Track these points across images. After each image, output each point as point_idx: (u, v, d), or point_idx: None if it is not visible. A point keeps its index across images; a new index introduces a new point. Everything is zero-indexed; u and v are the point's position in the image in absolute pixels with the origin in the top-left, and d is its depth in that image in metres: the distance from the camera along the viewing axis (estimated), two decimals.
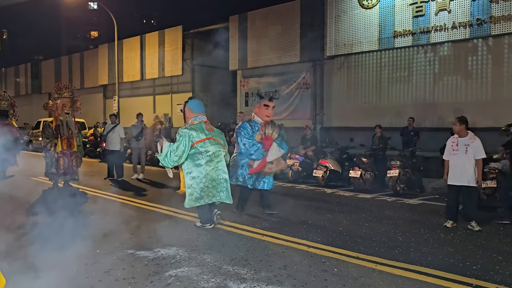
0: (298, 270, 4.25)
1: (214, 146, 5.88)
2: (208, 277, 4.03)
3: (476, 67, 13.12)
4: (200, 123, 5.98)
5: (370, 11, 14.98)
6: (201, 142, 5.78)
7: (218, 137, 6.07)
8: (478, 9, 12.64)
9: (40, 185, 9.89)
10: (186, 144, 5.70)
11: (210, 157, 5.82)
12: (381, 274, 4.19)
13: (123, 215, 6.85)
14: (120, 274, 4.10)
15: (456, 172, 6.20)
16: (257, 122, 6.94)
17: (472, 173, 6.07)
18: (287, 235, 5.57)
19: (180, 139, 5.73)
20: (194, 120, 6.03)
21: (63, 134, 9.33)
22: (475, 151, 6.08)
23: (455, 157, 6.23)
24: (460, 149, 6.18)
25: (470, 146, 6.10)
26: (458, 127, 6.22)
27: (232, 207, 6.83)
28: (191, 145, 5.72)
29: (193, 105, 6.23)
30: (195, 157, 5.78)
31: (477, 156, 6.09)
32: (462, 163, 6.13)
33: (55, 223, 6.31)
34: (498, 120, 12.19)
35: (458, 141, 6.23)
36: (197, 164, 5.78)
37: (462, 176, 6.12)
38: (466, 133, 6.22)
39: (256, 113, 7.02)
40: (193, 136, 5.75)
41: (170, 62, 22.93)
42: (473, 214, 6.14)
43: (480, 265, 4.49)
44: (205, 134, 5.87)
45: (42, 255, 4.67)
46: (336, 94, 16.52)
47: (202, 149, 5.78)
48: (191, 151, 5.76)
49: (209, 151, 5.81)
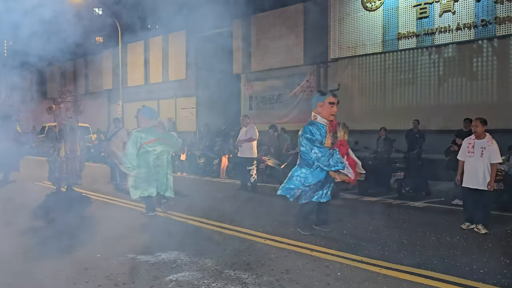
0: (300, 274, 4.18)
1: (161, 146, 6.84)
2: (209, 281, 3.96)
3: (481, 69, 13.00)
4: (151, 127, 6.94)
5: (373, 13, 14.92)
6: (150, 143, 6.74)
7: (167, 138, 7.06)
8: (482, 10, 12.54)
9: (43, 190, 9.88)
10: (133, 145, 6.67)
11: (157, 155, 6.79)
12: (385, 278, 4.10)
13: (124, 219, 6.81)
14: (120, 279, 4.05)
15: (470, 174, 6.08)
16: (322, 124, 5.84)
17: (486, 176, 5.93)
18: (290, 239, 5.49)
19: (129, 141, 6.81)
20: (146, 125, 6.96)
21: (66, 139, 9.34)
22: (491, 154, 5.94)
23: (470, 160, 6.09)
24: (476, 152, 6.03)
25: (487, 150, 5.95)
26: (481, 129, 6.03)
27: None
28: (140, 145, 6.67)
29: (145, 112, 7.17)
30: (144, 156, 6.73)
31: (493, 160, 5.93)
32: (476, 166, 6.00)
33: (56, 228, 6.29)
34: (504, 122, 12.08)
35: (475, 143, 6.08)
36: (146, 161, 6.72)
37: (475, 179, 6.00)
38: (484, 135, 6.07)
39: (318, 113, 5.89)
40: (142, 137, 6.72)
41: (174, 66, 22.97)
42: (482, 217, 6.01)
43: (487, 269, 4.39)
44: (154, 136, 6.83)
45: (42, 259, 4.64)
46: (340, 97, 16.33)
47: (150, 148, 6.74)
48: (141, 151, 6.70)
49: (156, 151, 6.78)
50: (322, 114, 5.87)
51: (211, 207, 7.75)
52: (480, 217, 6.01)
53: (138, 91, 25.85)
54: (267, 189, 10.29)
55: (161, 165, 6.84)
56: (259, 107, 19.41)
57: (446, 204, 8.31)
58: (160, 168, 6.83)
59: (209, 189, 10.40)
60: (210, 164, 13.09)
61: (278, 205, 7.98)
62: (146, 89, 25.29)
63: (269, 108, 18.97)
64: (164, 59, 23.50)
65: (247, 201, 8.54)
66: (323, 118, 5.86)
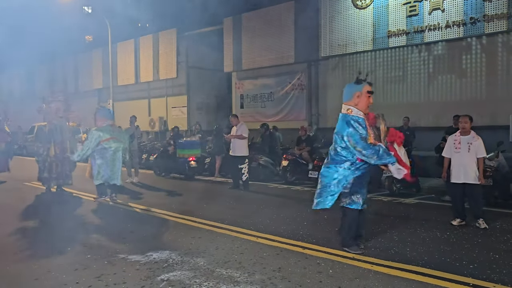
0: (292, 272, 4.18)
1: (116, 143, 8.01)
2: (201, 280, 3.95)
3: (470, 66, 13.12)
4: (107, 126, 8.10)
5: (364, 11, 14.98)
6: (107, 141, 7.89)
7: (120, 136, 8.26)
8: (471, 8, 12.65)
9: (33, 190, 9.78)
10: (92, 142, 7.81)
11: (113, 151, 7.98)
12: (377, 274, 4.12)
13: (116, 219, 6.77)
14: (111, 279, 4.02)
15: (459, 170, 6.17)
16: (359, 117, 4.90)
17: (475, 171, 6.07)
18: (282, 237, 5.50)
19: (89, 138, 7.90)
20: (102, 124, 8.12)
21: (56, 139, 9.25)
22: (477, 149, 6.07)
23: (457, 155, 6.20)
24: (463, 147, 6.15)
25: (473, 145, 6.09)
26: (469, 125, 6.19)
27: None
28: (99, 142, 7.81)
29: (102, 112, 8.46)
30: (102, 151, 7.91)
31: (479, 154, 6.08)
32: (465, 161, 6.10)
33: (46, 228, 6.23)
34: (493, 118, 12.21)
35: (461, 139, 6.21)
36: (103, 156, 7.91)
37: (465, 174, 6.10)
38: (469, 131, 6.21)
39: (355, 105, 4.93)
40: (100, 136, 7.86)
41: (165, 65, 22.86)
42: (479, 211, 6.12)
43: (477, 264, 4.44)
44: (110, 134, 7.98)
45: (31, 260, 4.59)
46: (331, 94, 16.49)
47: (107, 145, 7.90)
48: (99, 147, 7.87)
49: (112, 147, 7.96)
50: (359, 106, 4.93)
51: (203, 206, 7.73)
52: (477, 212, 6.11)
53: (128, 90, 25.70)
54: (259, 187, 10.29)
55: (116, 159, 8.02)
56: (251, 105, 19.40)
57: (437, 200, 8.38)
58: (115, 161, 7.99)
59: (201, 188, 10.38)
60: (202, 163, 13.05)
61: (269, 204, 8.00)
62: (136, 88, 25.15)
63: (260, 107, 18.97)
64: (154, 57, 23.38)
65: (239, 199, 8.54)
66: (360, 110, 4.92)
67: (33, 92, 33.29)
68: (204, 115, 23.18)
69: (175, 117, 22.79)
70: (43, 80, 31.82)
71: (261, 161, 11.72)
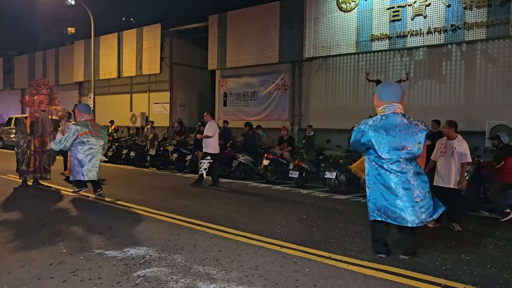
0: (269, 270, 4.21)
1: (95, 138, 8.06)
2: (178, 277, 3.94)
3: (450, 72, 13.41)
4: (85, 120, 8.17)
5: (348, 14, 15.14)
6: (84, 135, 7.95)
7: (99, 131, 8.24)
8: (452, 15, 12.92)
9: (9, 183, 9.58)
10: (70, 135, 7.89)
11: (91, 145, 8.00)
12: (352, 274, 4.19)
13: (93, 214, 6.68)
14: (86, 274, 3.97)
15: (441, 173, 6.30)
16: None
17: (457, 176, 6.19)
18: (260, 235, 5.52)
19: (68, 131, 7.92)
20: (81, 119, 8.19)
21: (37, 132, 9.09)
22: (461, 154, 6.19)
23: (442, 159, 6.34)
24: (447, 152, 6.28)
25: (457, 150, 6.20)
26: (447, 130, 6.34)
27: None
28: (76, 136, 7.87)
29: (81, 107, 8.53)
30: (80, 145, 7.96)
31: (462, 159, 6.19)
32: (448, 166, 6.23)
33: (19, 222, 6.11)
34: (471, 124, 12.49)
35: (446, 144, 6.34)
36: (81, 150, 7.95)
37: (447, 178, 6.23)
38: (455, 136, 6.32)
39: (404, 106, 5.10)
40: (78, 130, 7.92)
41: (148, 60, 22.65)
42: (457, 216, 6.25)
43: (449, 265, 4.55)
44: (88, 128, 8.05)
45: (4, 253, 4.50)
46: (314, 95, 16.63)
47: (84, 139, 7.95)
48: (77, 141, 7.93)
49: (90, 141, 8.00)
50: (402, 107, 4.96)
51: (182, 203, 7.71)
52: (454, 216, 6.24)
53: (110, 84, 25.37)
54: (239, 185, 10.30)
55: (95, 154, 8.02)
56: (234, 103, 19.39)
57: None
58: (94, 156, 8.01)
59: (180, 185, 10.32)
60: (183, 160, 12.99)
61: (249, 202, 8.02)
62: (119, 82, 24.85)
63: (243, 105, 18.98)
64: (138, 52, 23.13)
65: (218, 197, 8.53)
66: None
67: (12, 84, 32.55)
68: (186, 112, 23.06)
69: (158, 113, 22.61)
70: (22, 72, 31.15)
71: (242, 159, 11.73)
